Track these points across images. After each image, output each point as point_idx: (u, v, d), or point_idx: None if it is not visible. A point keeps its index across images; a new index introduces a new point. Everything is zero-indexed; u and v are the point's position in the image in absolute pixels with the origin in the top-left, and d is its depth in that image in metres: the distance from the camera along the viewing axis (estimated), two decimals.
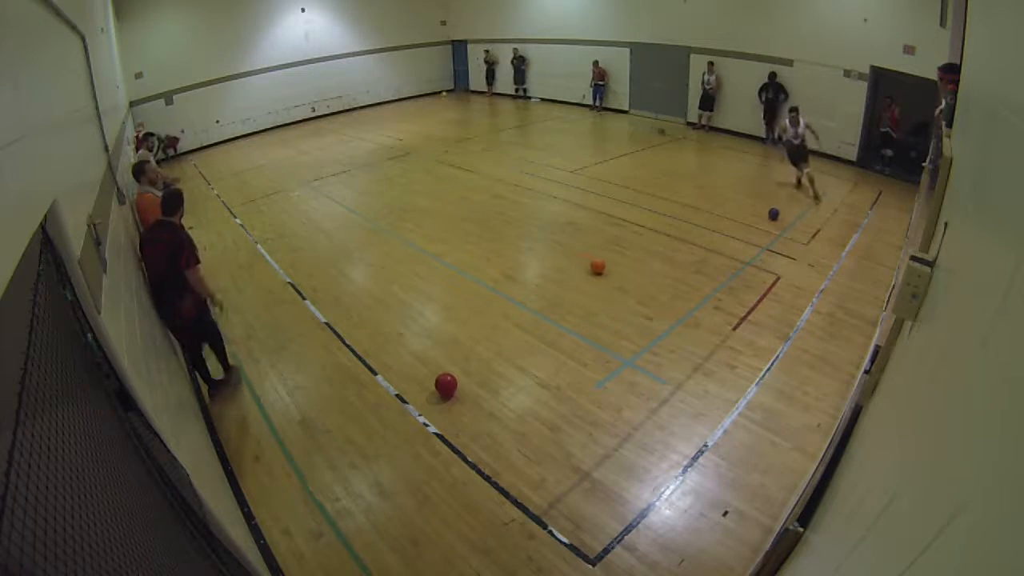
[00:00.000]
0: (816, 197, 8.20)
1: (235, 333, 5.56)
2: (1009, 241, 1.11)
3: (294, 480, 3.78)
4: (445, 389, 4.47)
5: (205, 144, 13.76)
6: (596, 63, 14.37)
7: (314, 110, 16.04)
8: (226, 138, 14.17)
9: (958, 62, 3.56)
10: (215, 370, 4.75)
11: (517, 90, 17.25)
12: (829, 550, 1.96)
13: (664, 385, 4.50)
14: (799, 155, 8.37)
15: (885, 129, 9.43)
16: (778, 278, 6.10)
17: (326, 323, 5.63)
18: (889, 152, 9.44)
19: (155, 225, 4.18)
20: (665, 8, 12.68)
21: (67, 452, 1.31)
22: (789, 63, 10.65)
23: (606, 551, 3.17)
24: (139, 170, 5.51)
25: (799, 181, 8.64)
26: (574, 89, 15.43)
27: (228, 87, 14.11)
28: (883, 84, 9.41)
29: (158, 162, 11.16)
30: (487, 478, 3.70)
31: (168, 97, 12.98)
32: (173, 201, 4.16)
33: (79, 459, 1.38)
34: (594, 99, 14.88)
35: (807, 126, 8.23)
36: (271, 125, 15.11)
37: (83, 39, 4.34)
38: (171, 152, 13.09)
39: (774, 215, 7.55)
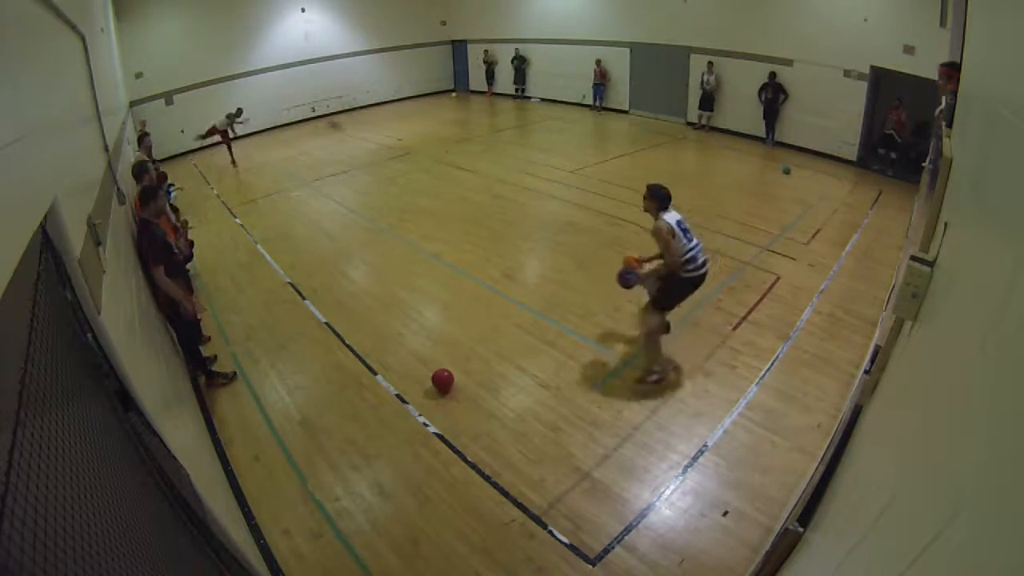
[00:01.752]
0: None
1: (235, 333, 5.56)
2: (1009, 241, 1.11)
3: (294, 480, 3.78)
4: (442, 384, 4.48)
5: (205, 144, 13.72)
6: (599, 62, 14.36)
7: (314, 110, 16.02)
8: None
9: (959, 61, 3.56)
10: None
11: (517, 90, 17.24)
12: (829, 550, 1.96)
13: (664, 385, 4.50)
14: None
15: (889, 131, 9.42)
16: (778, 278, 6.10)
17: (326, 323, 5.63)
18: (893, 154, 9.42)
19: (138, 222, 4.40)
20: (665, 8, 12.67)
21: (67, 452, 1.31)
22: (789, 63, 10.65)
23: (606, 551, 3.17)
24: (141, 169, 5.52)
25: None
26: (574, 89, 15.41)
27: (228, 87, 14.08)
28: (883, 84, 9.41)
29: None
30: (487, 478, 3.70)
31: (168, 97, 12.97)
32: (143, 195, 4.32)
33: (79, 459, 1.38)
34: (594, 99, 14.88)
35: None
36: (271, 125, 15.08)
37: (83, 39, 4.33)
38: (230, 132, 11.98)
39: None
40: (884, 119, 9.54)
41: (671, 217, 4.23)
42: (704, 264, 4.27)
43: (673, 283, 4.31)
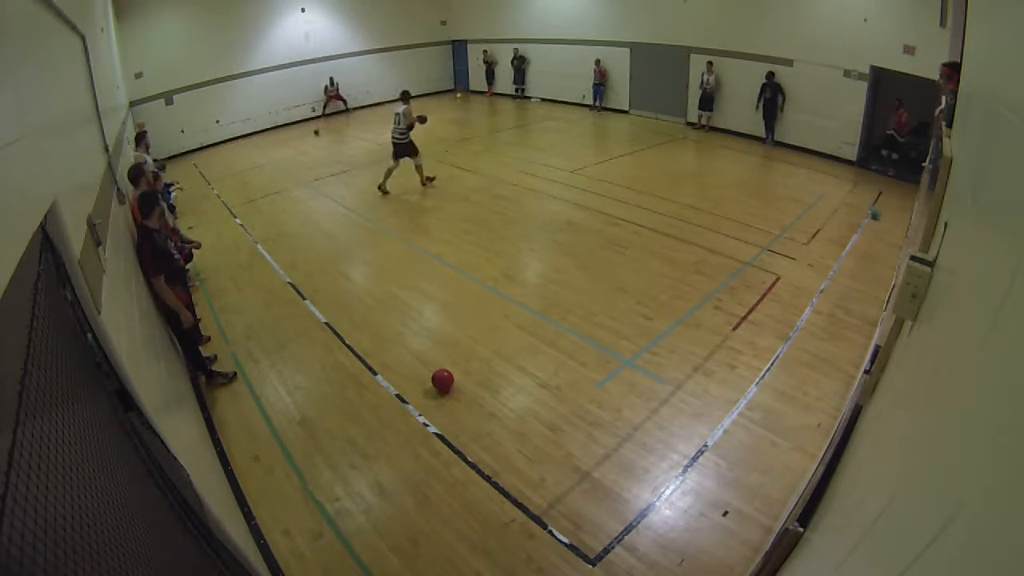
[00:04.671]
0: None
1: (235, 333, 5.56)
2: (1009, 241, 1.11)
3: (294, 480, 3.78)
4: (442, 384, 4.48)
5: (205, 144, 13.73)
6: (598, 62, 14.36)
7: (314, 110, 16.02)
8: (226, 138, 14.14)
9: (959, 61, 3.56)
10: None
11: (517, 90, 17.24)
12: (829, 550, 1.95)
13: (664, 385, 4.50)
14: None
15: (890, 132, 9.41)
16: (778, 278, 6.10)
17: (326, 323, 5.63)
18: (894, 155, 9.41)
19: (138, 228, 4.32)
20: (665, 8, 12.67)
21: (67, 452, 1.30)
22: (789, 63, 10.65)
23: (606, 551, 3.17)
24: (137, 173, 5.48)
25: None
26: (574, 89, 15.42)
27: (228, 87, 14.09)
28: (883, 84, 9.40)
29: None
30: (487, 478, 3.70)
31: (168, 97, 12.97)
32: (144, 203, 4.21)
33: (79, 459, 1.38)
34: (594, 99, 14.88)
35: None
36: (271, 125, 15.08)
37: (83, 39, 4.33)
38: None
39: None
40: (886, 120, 9.53)
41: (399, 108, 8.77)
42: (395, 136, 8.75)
43: None
